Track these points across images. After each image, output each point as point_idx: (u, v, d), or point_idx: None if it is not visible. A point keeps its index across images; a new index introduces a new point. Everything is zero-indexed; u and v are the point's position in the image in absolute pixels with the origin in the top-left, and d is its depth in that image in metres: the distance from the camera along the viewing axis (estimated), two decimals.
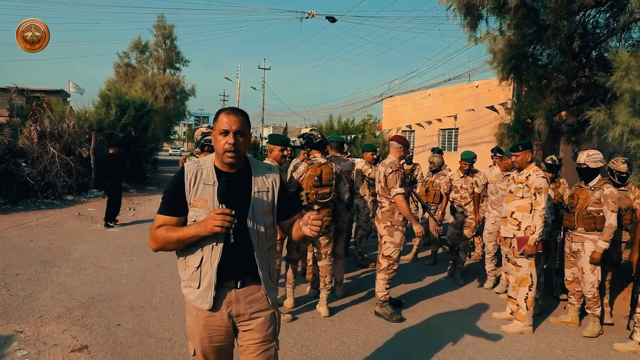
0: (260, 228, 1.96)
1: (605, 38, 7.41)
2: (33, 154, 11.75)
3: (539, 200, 4.06)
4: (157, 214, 1.95)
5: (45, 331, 3.84)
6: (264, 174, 2.04)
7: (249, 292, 1.96)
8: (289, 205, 2.15)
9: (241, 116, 1.93)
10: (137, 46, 28.95)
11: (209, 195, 1.89)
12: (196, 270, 1.91)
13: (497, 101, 12.57)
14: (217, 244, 1.87)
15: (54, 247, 6.82)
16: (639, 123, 4.77)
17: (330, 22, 16.36)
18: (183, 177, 1.91)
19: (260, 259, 1.95)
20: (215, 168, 1.95)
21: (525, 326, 4.19)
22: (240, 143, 1.89)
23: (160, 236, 1.89)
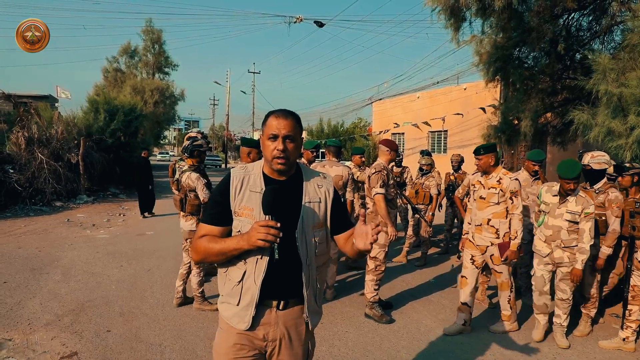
0: (310, 243, 1.78)
1: (588, 41, 7.56)
2: (21, 160, 11.67)
3: (516, 204, 3.95)
4: (200, 222, 1.84)
5: (34, 338, 3.81)
6: (317, 183, 1.87)
7: (291, 315, 1.78)
8: (344, 218, 1.95)
9: (292, 119, 1.76)
10: (127, 51, 28.85)
11: (255, 204, 1.74)
12: (237, 285, 1.74)
13: (485, 103, 12.71)
14: (262, 257, 1.71)
15: (42, 253, 6.76)
16: (615, 124, 4.88)
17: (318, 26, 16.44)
18: (229, 183, 1.77)
19: (307, 278, 1.76)
20: (264, 175, 1.80)
21: (511, 324, 4.22)
22: (291, 149, 1.73)
23: (201, 247, 1.74)
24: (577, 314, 4.32)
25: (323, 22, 16.43)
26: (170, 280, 5.47)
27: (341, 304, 4.89)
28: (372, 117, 24.45)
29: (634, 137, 4.71)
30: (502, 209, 4.02)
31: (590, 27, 7.76)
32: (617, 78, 5.09)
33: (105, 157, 14.69)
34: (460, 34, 8.10)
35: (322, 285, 1.95)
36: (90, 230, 8.79)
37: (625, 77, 5.04)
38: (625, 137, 4.90)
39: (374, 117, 24.13)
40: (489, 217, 4.07)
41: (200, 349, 3.65)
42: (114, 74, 28.57)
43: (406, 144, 20.62)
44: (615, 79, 5.05)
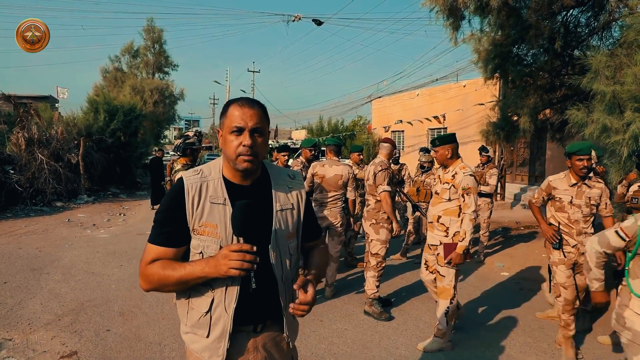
0: (284, 257, 1.54)
1: (586, 37, 7.55)
2: (21, 161, 11.69)
3: (467, 202, 3.60)
4: (148, 242, 1.48)
5: (34, 338, 3.84)
6: (287, 185, 1.60)
7: (270, 337, 1.57)
8: (313, 226, 1.72)
9: (259, 108, 1.48)
10: (129, 50, 28.85)
11: (219, 219, 1.45)
12: (205, 315, 1.47)
13: (484, 100, 12.71)
14: (232, 282, 1.45)
15: (43, 254, 6.79)
16: (611, 121, 4.90)
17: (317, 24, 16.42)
18: (183, 195, 1.45)
19: (284, 297, 1.54)
20: (225, 180, 1.50)
21: (444, 343, 3.75)
22: (259, 144, 1.46)
23: (153, 275, 1.43)
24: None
25: (321, 21, 16.44)
26: None
27: (340, 301, 4.90)
28: (372, 114, 24.44)
29: (630, 132, 4.72)
30: (455, 206, 3.71)
31: (588, 23, 7.75)
32: (614, 75, 5.09)
33: (105, 157, 14.72)
34: (458, 32, 8.10)
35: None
36: (90, 230, 8.82)
37: (621, 74, 5.04)
38: (622, 133, 4.91)
39: (373, 115, 24.11)
40: (440, 214, 3.79)
41: None
42: (113, 74, 28.57)
43: (406, 142, 20.61)
44: (611, 76, 5.07)
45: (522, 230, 9.26)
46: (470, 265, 6.60)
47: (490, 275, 6.15)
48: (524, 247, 7.73)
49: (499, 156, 13.45)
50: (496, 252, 7.45)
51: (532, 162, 14.50)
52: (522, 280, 5.92)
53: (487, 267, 6.54)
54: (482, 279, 5.94)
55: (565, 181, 3.67)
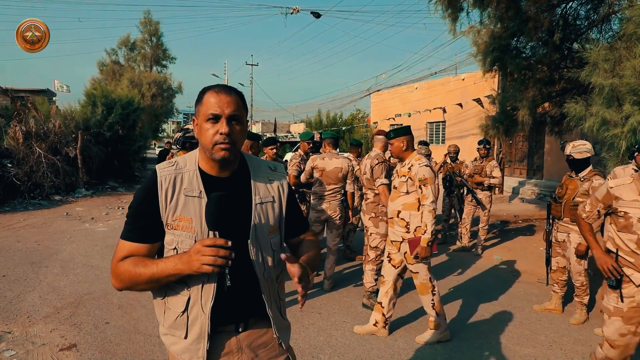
0: (265, 253, 1.46)
1: (586, 30, 7.53)
2: (19, 155, 11.64)
3: (425, 194, 3.53)
4: (120, 239, 1.41)
5: (33, 331, 3.84)
6: (267, 177, 1.53)
7: (255, 335, 1.49)
8: (298, 219, 1.63)
9: (236, 95, 1.41)
10: (126, 43, 28.72)
11: (193, 212, 1.38)
12: (181, 315, 1.40)
13: (483, 93, 12.69)
14: (208, 279, 1.37)
15: (41, 247, 6.79)
16: (609, 114, 4.90)
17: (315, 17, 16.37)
18: (155, 188, 1.38)
19: (268, 294, 1.46)
20: (201, 172, 1.43)
21: (441, 333, 3.75)
22: (237, 132, 1.39)
23: (124, 273, 1.36)
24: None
25: (320, 13, 16.37)
26: None
27: (339, 294, 4.92)
28: (371, 108, 24.42)
29: (629, 125, 4.72)
30: (413, 199, 3.63)
31: (587, 16, 7.73)
32: (613, 68, 5.08)
33: (103, 150, 14.67)
34: (457, 24, 8.07)
35: (284, 295, 1.62)
36: (89, 224, 8.81)
37: (620, 67, 5.04)
38: (620, 126, 4.91)
39: (372, 108, 24.09)
40: (399, 209, 3.72)
41: None
42: (111, 67, 28.47)
43: None
44: (610, 69, 5.06)
45: (520, 224, 9.29)
46: (469, 258, 6.63)
47: (488, 268, 6.17)
48: (522, 240, 7.76)
49: (498, 150, 13.45)
50: (494, 245, 7.48)
51: (530, 155, 14.52)
52: (519, 273, 5.94)
53: (485, 260, 6.56)
54: (480, 271, 5.97)
55: (633, 188, 2.58)
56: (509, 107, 8.27)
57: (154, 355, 3.42)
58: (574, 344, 3.79)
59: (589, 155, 4.15)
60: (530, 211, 10.86)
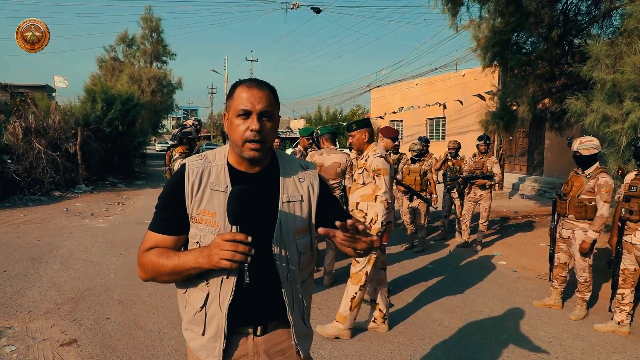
0: (291, 254, 1.40)
1: (587, 25, 7.51)
2: (18, 151, 11.64)
3: (378, 184, 3.54)
4: (148, 229, 1.42)
5: (34, 326, 3.85)
6: (297, 176, 1.47)
7: (273, 341, 1.43)
8: (338, 215, 1.50)
9: (268, 91, 1.37)
10: (124, 39, 28.66)
11: (218, 207, 1.36)
12: (200, 311, 1.39)
13: (484, 89, 12.67)
14: (228, 277, 1.35)
15: (41, 243, 6.79)
16: (610, 110, 4.88)
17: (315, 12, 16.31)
18: (183, 180, 1.38)
19: (290, 298, 1.41)
20: (229, 166, 1.41)
21: (344, 329, 3.66)
22: (268, 129, 1.36)
23: (149, 263, 1.36)
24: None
25: (320, 8, 16.30)
26: None
27: (339, 290, 4.92)
28: (371, 104, 24.38)
29: (629, 122, 4.71)
30: (370, 191, 3.64)
31: (589, 11, 7.70)
32: (614, 64, 5.07)
33: (103, 146, 14.68)
34: (457, 19, 8.05)
35: (310, 302, 1.56)
36: (89, 220, 8.82)
37: (621, 62, 5.02)
38: (621, 123, 4.90)
39: (372, 104, 24.06)
40: (358, 200, 3.72)
41: None
42: (110, 63, 28.42)
43: (405, 131, 20.58)
44: (611, 64, 5.04)
45: (520, 220, 9.30)
46: (468, 254, 6.64)
47: (488, 264, 6.18)
48: (522, 237, 7.77)
49: (498, 146, 13.44)
50: (494, 241, 7.48)
51: (530, 152, 14.50)
52: (519, 269, 5.95)
53: (485, 256, 6.56)
54: (480, 268, 5.97)
55: None
56: (509, 103, 8.26)
57: (155, 351, 3.43)
58: (574, 340, 3.80)
59: (596, 152, 4.13)
60: (530, 207, 10.86)
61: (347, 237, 1.26)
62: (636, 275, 3.88)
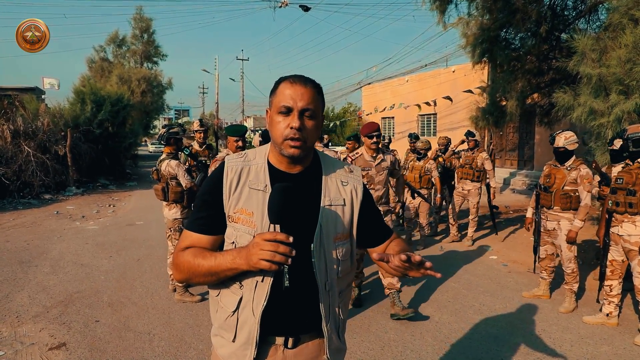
0: (330, 260, 1.34)
1: (573, 20, 7.55)
2: (7, 154, 11.53)
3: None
4: (184, 229, 1.39)
5: (22, 331, 3.82)
6: (341, 179, 1.41)
7: (305, 354, 1.36)
8: (380, 225, 1.49)
9: (312, 87, 1.31)
10: (114, 40, 28.44)
11: (256, 207, 1.30)
12: (232, 315, 1.33)
13: (474, 85, 12.69)
14: (263, 280, 1.29)
15: (31, 246, 6.73)
16: (597, 103, 4.93)
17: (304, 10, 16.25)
18: (221, 177, 1.33)
19: (327, 308, 1.34)
20: (270, 165, 1.36)
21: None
22: (310, 128, 1.30)
23: (185, 263, 1.30)
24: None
25: (308, 6, 16.26)
26: (159, 269, 5.49)
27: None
28: (362, 101, 24.39)
29: (614, 115, 4.76)
30: None
31: (575, 6, 7.75)
32: (599, 58, 5.11)
33: (93, 148, 14.55)
34: (446, 16, 8.07)
35: (346, 315, 1.47)
36: (79, 222, 8.75)
37: (607, 57, 5.06)
38: (607, 116, 4.94)
39: (363, 102, 24.06)
40: None
41: (188, 336, 3.68)
42: (100, 64, 28.18)
43: (396, 128, 20.63)
44: (597, 59, 5.09)
45: (511, 214, 9.35)
46: (459, 249, 6.66)
47: (479, 258, 6.21)
48: (512, 231, 7.81)
49: (488, 141, 13.51)
50: (485, 236, 7.52)
51: (521, 146, 14.59)
52: (510, 263, 5.99)
53: (476, 251, 6.60)
54: (471, 263, 6.00)
55: None
56: (498, 99, 8.29)
57: (144, 353, 3.41)
58: (563, 332, 3.83)
59: (577, 147, 4.31)
60: (521, 202, 10.93)
61: (404, 266, 1.20)
62: (624, 267, 3.92)
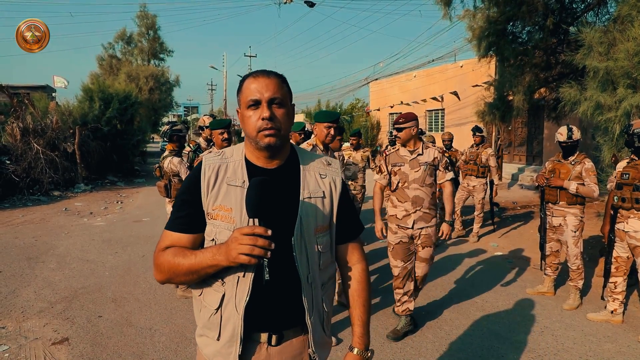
0: (311, 253, 1.34)
1: (582, 13, 7.44)
2: (17, 151, 11.66)
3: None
4: (165, 229, 1.38)
5: (27, 326, 3.86)
6: (319, 172, 1.42)
7: (289, 351, 1.36)
8: (350, 222, 1.48)
9: (275, 77, 1.33)
10: (123, 37, 28.63)
11: (235, 203, 1.30)
12: (215, 313, 1.32)
13: (482, 80, 12.57)
14: (244, 275, 1.28)
15: (39, 242, 6.81)
16: (604, 97, 4.84)
17: (309, 6, 16.19)
18: (199, 176, 1.34)
19: (310, 301, 1.34)
20: (247, 162, 1.37)
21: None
22: (280, 116, 1.31)
23: (164, 263, 1.30)
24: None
25: (314, 2, 16.18)
26: None
27: None
28: (370, 97, 24.30)
29: (622, 109, 4.68)
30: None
31: None
32: (607, 51, 5.02)
33: (102, 145, 14.68)
34: (451, 9, 7.99)
35: (331, 308, 1.47)
36: (87, 219, 8.84)
37: (614, 50, 4.97)
38: (614, 110, 4.86)
39: (371, 97, 23.97)
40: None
41: (189, 332, 3.70)
42: (109, 62, 28.41)
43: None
44: (604, 52, 5.00)
45: (518, 210, 9.26)
46: (464, 246, 6.62)
47: (484, 255, 6.16)
48: (519, 227, 7.74)
49: (496, 136, 13.37)
50: (491, 232, 7.46)
51: (529, 141, 14.43)
52: (515, 259, 5.93)
53: (482, 247, 6.55)
54: (476, 258, 5.96)
55: None
56: (505, 93, 8.21)
57: (145, 348, 3.44)
58: (566, 330, 3.78)
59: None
60: (529, 197, 10.82)
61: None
62: (629, 263, 3.86)
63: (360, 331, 1.45)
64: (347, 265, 1.50)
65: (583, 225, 4.27)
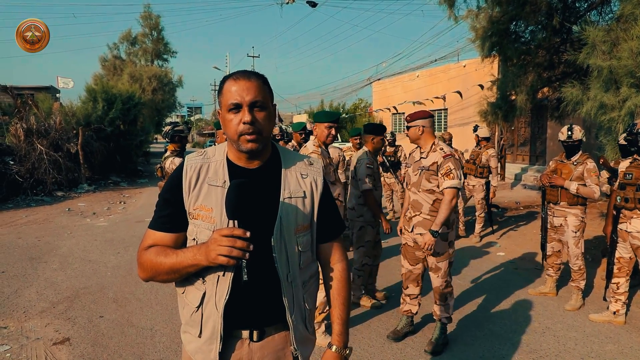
0: (291, 252, 1.36)
1: (585, 12, 7.40)
2: (20, 152, 11.73)
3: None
4: (147, 228, 1.39)
5: (28, 326, 3.88)
6: (301, 172, 1.43)
7: (271, 347, 1.38)
8: (331, 222, 1.50)
9: (256, 79, 1.32)
10: (128, 38, 28.75)
11: (215, 202, 1.32)
12: (196, 311, 1.35)
13: (485, 80, 12.54)
14: (224, 274, 1.30)
15: (42, 243, 6.84)
16: (607, 97, 4.81)
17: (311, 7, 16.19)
18: (181, 176, 1.35)
19: (290, 299, 1.36)
20: (229, 162, 1.38)
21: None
22: (261, 119, 1.31)
23: (147, 262, 1.32)
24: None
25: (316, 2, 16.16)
26: None
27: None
28: (372, 97, 24.27)
29: (626, 109, 4.65)
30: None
31: None
32: (610, 50, 4.99)
33: (105, 145, 14.74)
34: (455, 9, 7.97)
35: (313, 305, 1.49)
36: (90, 219, 8.86)
37: (618, 48, 4.94)
38: (618, 110, 4.83)
39: (374, 97, 23.94)
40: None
41: None
42: (112, 62, 28.52)
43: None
44: (607, 51, 4.96)
45: (521, 211, 9.23)
46: (466, 247, 6.59)
47: (486, 255, 6.14)
48: (522, 227, 7.71)
49: (499, 136, 13.33)
50: (494, 232, 7.43)
51: (533, 141, 14.36)
52: (517, 260, 5.90)
53: (484, 248, 6.52)
54: (478, 259, 5.93)
55: None
56: (508, 93, 8.18)
57: (145, 348, 3.44)
58: (568, 330, 3.76)
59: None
60: (532, 198, 10.77)
61: None
62: (631, 264, 3.84)
63: (339, 329, 1.47)
64: (328, 264, 1.52)
65: (584, 226, 4.24)
